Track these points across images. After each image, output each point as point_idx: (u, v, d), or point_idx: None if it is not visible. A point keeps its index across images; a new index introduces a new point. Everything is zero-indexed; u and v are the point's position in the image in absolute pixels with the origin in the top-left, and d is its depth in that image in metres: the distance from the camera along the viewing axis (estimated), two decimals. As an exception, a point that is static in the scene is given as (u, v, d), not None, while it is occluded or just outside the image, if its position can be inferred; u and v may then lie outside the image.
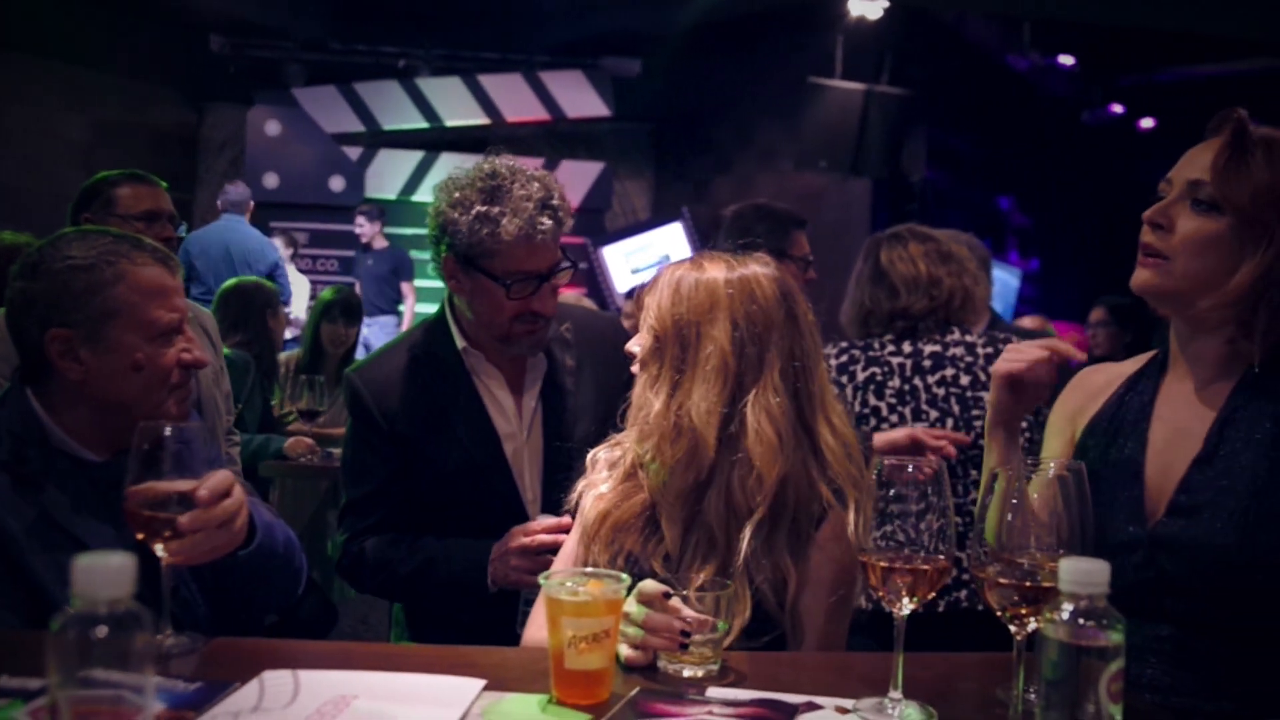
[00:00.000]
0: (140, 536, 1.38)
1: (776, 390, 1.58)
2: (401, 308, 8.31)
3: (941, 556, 1.24)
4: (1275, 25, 6.76)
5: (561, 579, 1.32)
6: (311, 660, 1.35)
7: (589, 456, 1.77)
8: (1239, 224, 1.45)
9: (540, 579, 1.31)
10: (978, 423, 2.69)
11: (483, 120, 9.16)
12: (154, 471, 1.38)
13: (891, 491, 1.27)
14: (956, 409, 2.71)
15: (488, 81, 9.16)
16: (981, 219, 10.00)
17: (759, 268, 1.64)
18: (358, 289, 7.68)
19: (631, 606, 1.40)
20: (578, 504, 1.74)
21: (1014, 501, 1.21)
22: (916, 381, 2.74)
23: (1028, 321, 6.22)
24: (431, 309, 2.36)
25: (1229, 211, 1.45)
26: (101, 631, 0.86)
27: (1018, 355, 1.62)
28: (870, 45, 8.03)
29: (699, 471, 1.58)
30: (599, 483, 1.71)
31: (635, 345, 1.69)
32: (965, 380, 2.72)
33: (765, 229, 3.01)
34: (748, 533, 1.55)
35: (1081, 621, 0.97)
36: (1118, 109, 9.36)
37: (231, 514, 1.44)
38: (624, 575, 1.32)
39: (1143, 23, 6.88)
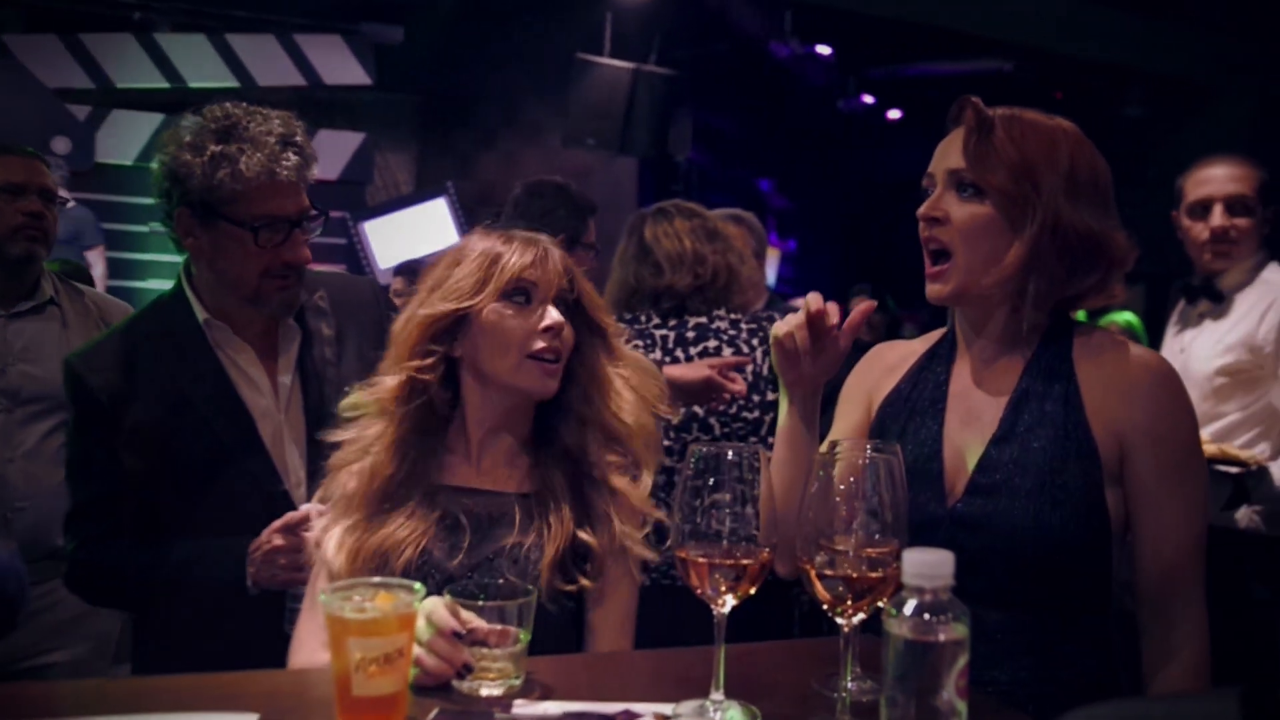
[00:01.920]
0: None
1: None
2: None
3: (766, 550, 1.17)
4: (1001, 27, 7.32)
5: (345, 593, 1.15)
6: (40, 706, 1.12)
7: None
8: (1003, 203, 1.49)
9: (321, 595, 1.14)
10: (740, 395, 2.70)
11: (231, 83, 8.47)
12: None
13: (711, 480, 1.19)
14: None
15: (237, 41, 8.49)
16: (743, 200, 10.26)
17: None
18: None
19: (419, 621, 1.26)
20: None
21: (842, 488, 1.15)
22: (679, 354, 2.72)
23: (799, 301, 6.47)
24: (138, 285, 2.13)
25: (991, 193, 1.49)
26: None
27: (783, 322, 1.57)
28: (639, 24, 8.04)
29: None
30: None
31: None
32: (728, 353, 2.73)
33: (566, 213, 2.94)
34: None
35: (926, 616, 0.92)
36: (869, 99, 9.83)
37: None
38: (418, 585, 1.17)
39: (886, 13, 7.25)
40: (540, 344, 1.57)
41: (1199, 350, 2.95)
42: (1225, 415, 2.88)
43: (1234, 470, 2.72)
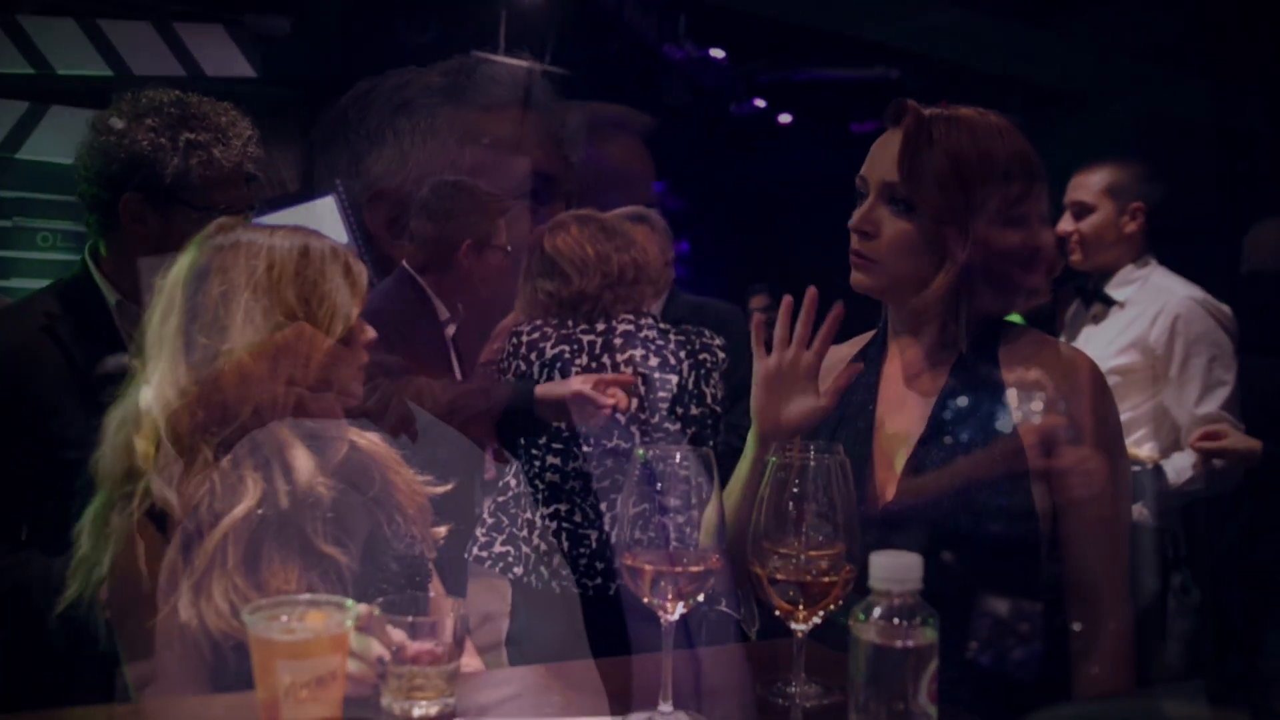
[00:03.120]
0: None
1: None
2: None
3: (715, 555, 1.14)
4: (890, 34, 7.48)
5: (271, 612, 1.07)
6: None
7: None
8: (934, 221, 1.49)
9: (245, 615, 1.06)
10: (663, 405, 2.69)
11: (104, 71, 8.06)
12: None
13: (658, 485, 1.15)
14: (642, 389, 2.68)
15: (109, 27, 8.06)
16: (637, 200, 10.26)
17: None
18: None
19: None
20: None
21: (794, 490, 1.13)
22: (605, 359, 2.69)
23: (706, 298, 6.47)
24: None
25: (923, 210, 1.48)
26: None
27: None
28: (535, 23, 7.96)
29: None
30: None
31: None
32: (654, 362, 2.71)
33: (476, 215, 2.91)
34: None
35: (896, 621, 0.90)
36: (760, 103, 9.94)
37: None
38: (349, 601, 1.10)
39: (777, 15, 7.33)
40: (365, 357, 1.58)
41: (1092, 351, 3.05)
42: (1117, 414, 2.98)
43: (1133, 468, 2.82)
